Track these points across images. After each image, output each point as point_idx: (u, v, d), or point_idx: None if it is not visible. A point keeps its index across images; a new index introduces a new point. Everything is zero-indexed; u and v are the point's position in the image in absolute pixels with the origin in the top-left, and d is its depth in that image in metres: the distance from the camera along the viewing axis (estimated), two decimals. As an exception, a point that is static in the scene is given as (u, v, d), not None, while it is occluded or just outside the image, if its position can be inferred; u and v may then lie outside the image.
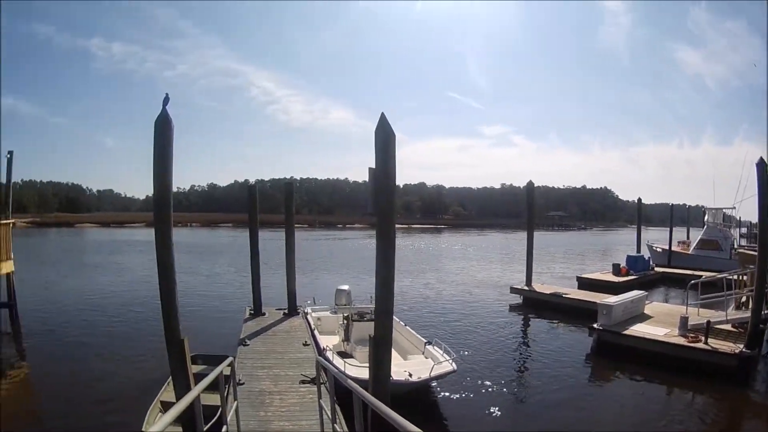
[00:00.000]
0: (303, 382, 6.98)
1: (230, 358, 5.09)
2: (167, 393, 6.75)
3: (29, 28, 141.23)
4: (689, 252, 26.71)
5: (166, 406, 6.36)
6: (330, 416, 4.52)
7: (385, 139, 5.49)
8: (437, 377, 7.38)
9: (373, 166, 5.59)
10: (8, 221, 12.20)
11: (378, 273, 5.45)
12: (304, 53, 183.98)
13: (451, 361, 7.64)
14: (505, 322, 13.66)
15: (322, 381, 5.26)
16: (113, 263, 28.35)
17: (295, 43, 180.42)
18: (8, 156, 12.33)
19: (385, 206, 5.53)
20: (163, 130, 4.88)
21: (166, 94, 4.95)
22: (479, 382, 8.49)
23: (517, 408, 7.74)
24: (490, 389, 8.24)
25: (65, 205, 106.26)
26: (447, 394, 7.90)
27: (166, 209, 4.84)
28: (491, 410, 7.36)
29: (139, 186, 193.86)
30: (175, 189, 5.80)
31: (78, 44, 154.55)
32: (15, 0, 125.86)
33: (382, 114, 5.40)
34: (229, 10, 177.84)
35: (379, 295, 5.56)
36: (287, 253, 11.96)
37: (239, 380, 6.78)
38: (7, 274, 11.94)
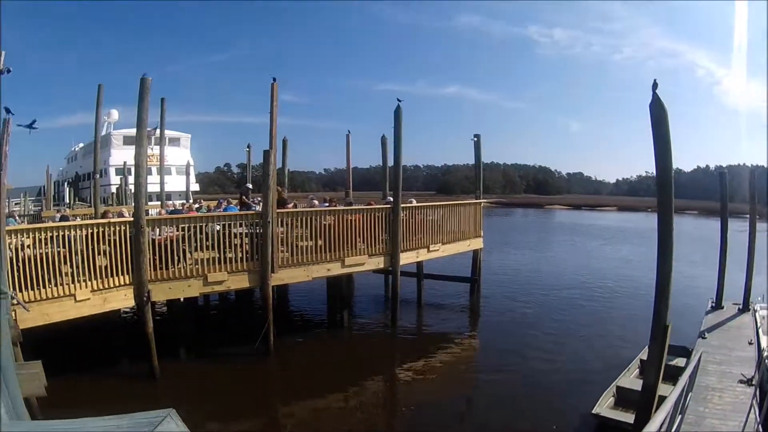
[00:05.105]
0: (741, 381, 6.36)
1: (701, 351, 4.74)
2: (625, 378, 6.93)
3: (453, 21, 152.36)
4: None
5: (621, 392, 6.52)
6: (759, 419, 4.33)
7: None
8: None
9: None
10: (479, 201, 12.90)
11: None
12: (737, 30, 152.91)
13: None
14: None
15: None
16: (577, 244, 27.81)
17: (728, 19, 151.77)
18: (474, 139, 12.94)
19: None
20: (657, 114, 4.89)
21: (654, 80, 4.92)
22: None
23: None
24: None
25: (533, 187, 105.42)
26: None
27: (668, 190, 4.85)
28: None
29: (607, 170, 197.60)
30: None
31: (514, 32, 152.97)
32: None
33: None
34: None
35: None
36: (749, 245, 10.80)
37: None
38: (475, 251, 12.64)
